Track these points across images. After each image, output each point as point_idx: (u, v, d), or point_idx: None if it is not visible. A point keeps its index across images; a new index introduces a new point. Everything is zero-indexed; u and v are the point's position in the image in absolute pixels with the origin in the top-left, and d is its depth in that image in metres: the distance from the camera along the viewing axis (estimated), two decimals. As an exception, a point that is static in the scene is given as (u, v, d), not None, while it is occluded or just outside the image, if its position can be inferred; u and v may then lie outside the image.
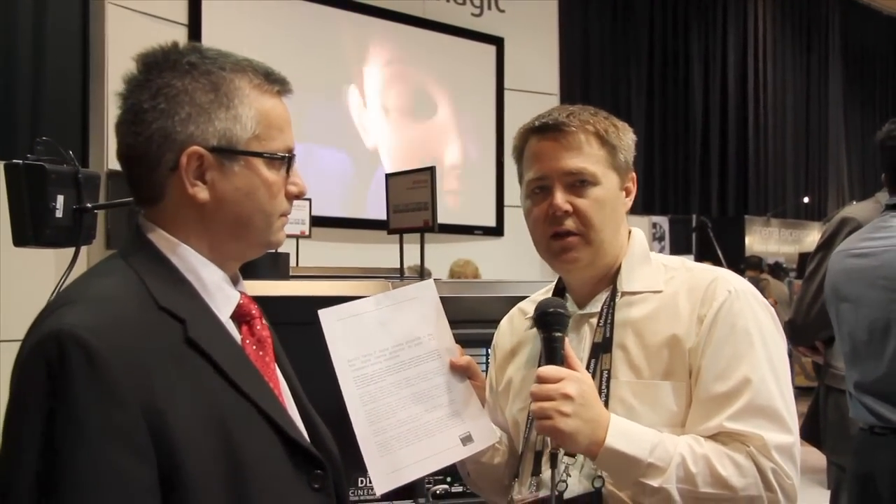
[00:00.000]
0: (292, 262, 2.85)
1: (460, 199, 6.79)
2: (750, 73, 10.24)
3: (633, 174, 1.49)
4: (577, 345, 1.44)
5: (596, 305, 1.45)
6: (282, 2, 5.98)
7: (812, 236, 10.13)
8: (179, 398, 1.02)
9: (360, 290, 1.74)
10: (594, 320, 1.44)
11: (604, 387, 1.38)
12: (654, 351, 1.37)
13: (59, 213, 1.79)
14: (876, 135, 2.50)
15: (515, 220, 7.12)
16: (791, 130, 10.82)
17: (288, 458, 1.12)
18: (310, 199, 3.75)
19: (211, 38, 5.32)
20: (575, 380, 1.29)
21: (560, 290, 1.52)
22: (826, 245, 2.75)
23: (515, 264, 6.98)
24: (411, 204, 2.17)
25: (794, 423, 1.33)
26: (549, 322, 1.36)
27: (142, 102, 1.10)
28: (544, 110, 1.50)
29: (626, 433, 1.29)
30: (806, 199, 10.93)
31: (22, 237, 1.79)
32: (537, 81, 7.28)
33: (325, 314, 1.39)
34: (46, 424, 0.95)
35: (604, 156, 1.43)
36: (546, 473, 1.37)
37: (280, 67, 1.22)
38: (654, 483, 1.26)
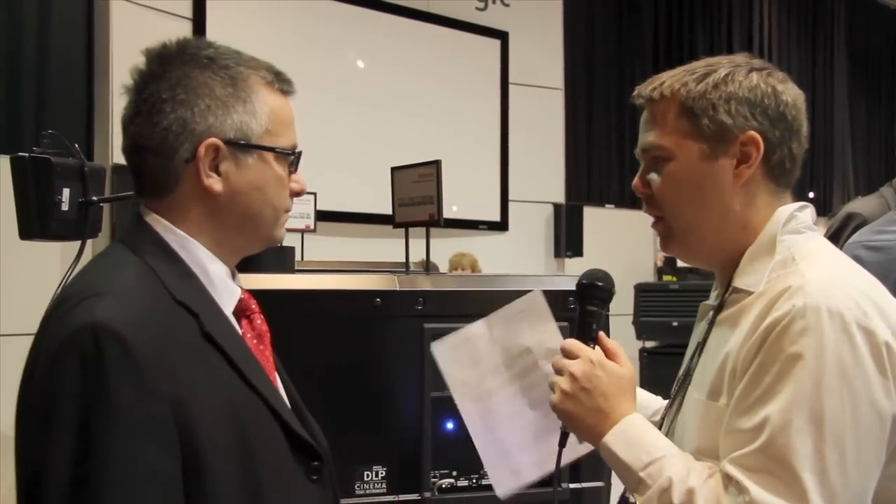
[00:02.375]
0: (297, 257, 2.85)
1: (464, 194, 6.78)
2: (755, 67, 10.21)
3: (752, 134, 1.19)
4: (694, 338, 1.33)
5: (717, 297, 1.28)
6: (286, -4, 5.98)
7: (818, 231, 10.09)
8: (200, 391, 1.03)
9: (365, 284, 1.74)
10: (712, 314, 1.27)
11: (680, 394, 1.27)
12: (715, 364, 1.19)
13: (64, 207, 1.79)
14: None
15: (520, 214, 7.15)
16: (796, 125, 10.78)
17: (290, 450, 1.14)
18: (315, 194, 3.74)
19: (215, 32, 5.31)
20: (587, 361, 1.21)
21: None
22: (831, 240, 2.75)
23: (520, 259, 6.99)
24: (417, 198, 2.17)
25: (824, 495, 1.02)
26: (584, 295, 1.28)
27: (160, 93, 1.11)
28: (548, 105, 1.44)
29: (629, 437, 1.17)
30: (811, 195, 10.90)
31: (28, 230, 1.79)
32: (542, 76, 7.26)
33: (437, 345, 1.44)
34: (81, 417, 0.95)
35: (681, 124, 1.22)
36: None
37: (284, 62, 1.24)
38: (638, 501, 1.14)
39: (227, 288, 1.17)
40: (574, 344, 1.24)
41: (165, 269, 1.10)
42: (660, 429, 1.30)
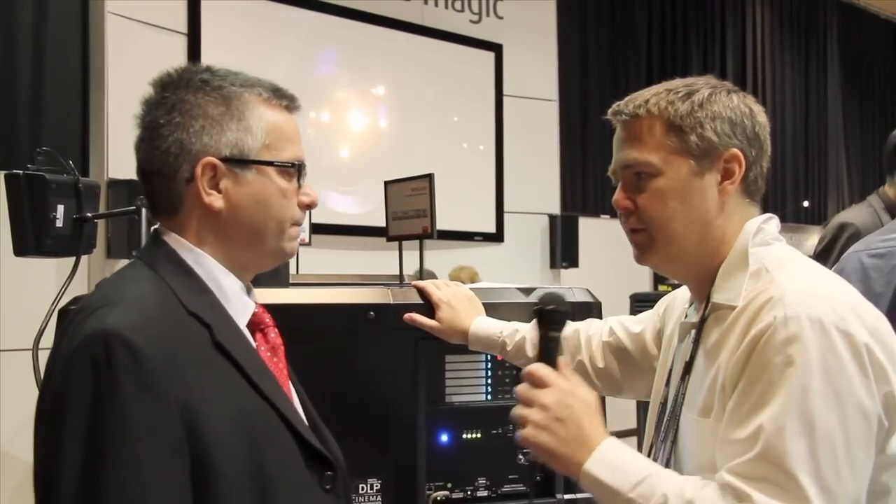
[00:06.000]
0: (292, 270, 2.85)
1: (459, 206, 6.79)
2: (748, 78, 10.26)
3: (734, 152, 1.25)
4: (678, 358, 1.32)
5: (697, 315, 1.29)
6: (280, 11, 5.99)
7: (812, 240, 10.09)
8: (210, 398, 1.07)
9: (360, 298, 1.74)
10: (694, 333, 1.28)
11: (676, 415, 1.27)
12: (705, 381, 1.21)
13: (59, 223, 1.80)
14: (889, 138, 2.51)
15: (515, 226, 7.16)
16: (790, 134, 10.83)
17: (303, 459, 1.17)
18: (309, 207, 3.73)
19: (210, 47, 5.32)
20: (558, 390, 1.18)
21: None
22: (826, 252, 2.76)
23: (515, 270, 6.99)
24: (410, 211, 2.17)
25: (823, 496, 1.05)
26: (543, 320, 1.24)
27: (158, 118, 1.17)
28: (542, 117, 1.45)
29: (611, 461, 1.15)
30: (806, 204, 10.93)
31: (22, 247, 1.80)
32: (536, 87, 7.28)
33: None
34: (91, 420, 0.99)
35: (669, 141, 1.26)
36: None
37: (279, 76, 1.27)
38: None
39: (240, 302, 1.21)
40: (544, 371, 1.19)
41: (179, 284, 1.14)
42: (649, 454, 1.33)
